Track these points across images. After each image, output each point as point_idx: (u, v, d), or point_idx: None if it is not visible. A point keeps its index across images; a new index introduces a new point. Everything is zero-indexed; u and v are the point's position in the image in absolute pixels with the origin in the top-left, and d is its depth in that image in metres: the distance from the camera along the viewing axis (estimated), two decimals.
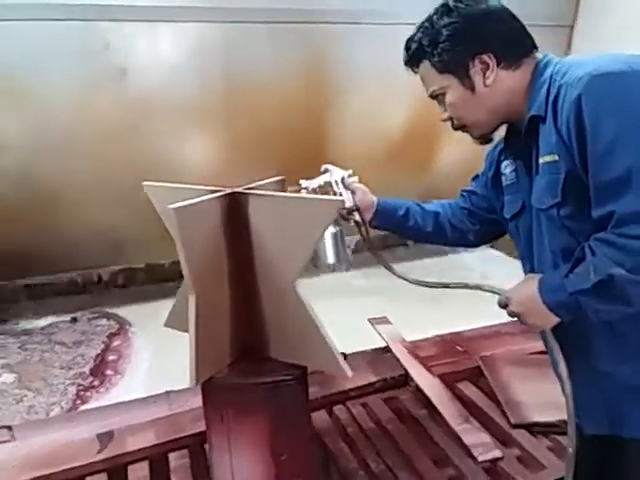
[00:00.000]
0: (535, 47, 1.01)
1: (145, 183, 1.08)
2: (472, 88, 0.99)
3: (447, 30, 0.98)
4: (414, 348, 1.75)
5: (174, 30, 2.46)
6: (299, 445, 1.01)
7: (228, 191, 0.90)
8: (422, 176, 3.54)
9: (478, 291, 1.10)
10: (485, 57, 0.97)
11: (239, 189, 0.91)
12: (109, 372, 2.46)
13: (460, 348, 1.85)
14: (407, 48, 1.06)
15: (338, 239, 1.20)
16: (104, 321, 3.35)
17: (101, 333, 3.13)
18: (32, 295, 3.82)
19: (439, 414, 1.34)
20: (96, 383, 2.34)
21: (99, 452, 1.27)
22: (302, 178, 1.27)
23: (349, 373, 0.89)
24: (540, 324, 0.95)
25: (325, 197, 0.78)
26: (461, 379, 1.64)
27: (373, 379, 1.54)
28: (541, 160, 0.95)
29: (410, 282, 1.22)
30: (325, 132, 3.02)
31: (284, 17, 2.52)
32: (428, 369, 1.59)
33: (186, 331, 0.87)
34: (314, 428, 1.37)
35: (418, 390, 1.51)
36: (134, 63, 2.47)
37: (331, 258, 1.18)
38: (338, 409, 1.46)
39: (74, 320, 3.40)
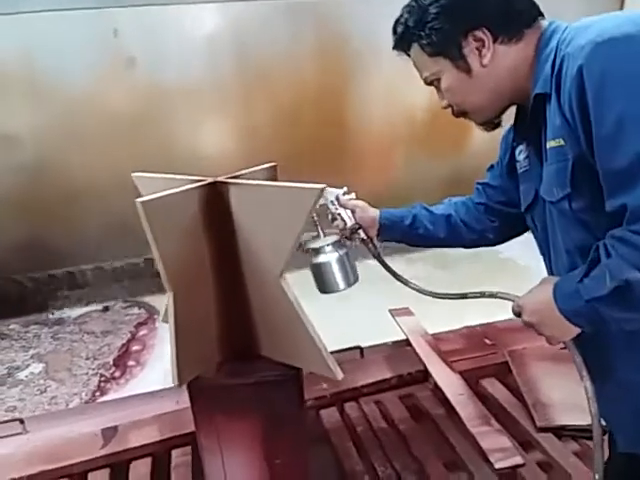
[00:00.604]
0: (540, 14, 0.90)
1: (134, 174, 1.06)
2: (468, 70, 0.89)
3: (433, 7, 0.89)
4: (437, 341, 1.67)
5: (183, 13, 2.43)
6: (294, 449, 0.98)
7: (208, 181, 0.85)
8: (452, 156, 3.40)
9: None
10: (479, 33, 0.87)
11: (220, 178, 0.86)
12: (131, 363, 2.51)
13: (489, 341, 1.75)
14: (394, 31, 0.97)
15: (345, 262, 1.15)
16: (135, 310, 3.43)
17: (129, 322, 3.21)
18: (70, 285, 3.98)
19: (457, 414, 1.27)
20: (117, 374, 2.40)
21: (102, 447, 1.28)
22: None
23: (339, 375, 0.84)
24: (558, 335, 0.86)
25: (305, 185, 0.72)
26: (486, 375, 1.55)
27: (388, 375, 1.48)
28: (548, 145, 0.85)
29: (426, 294, 1.16)
30: (346, 113, 2.93)
31: None
32: (449, 364, 1.51)
33: None
34: (323, 426, 1.33)
35: (437, 387, 1.44)
36: (145, 50, 2.47)
37: (341, 284, 1.13)
38: (350, 406, 1.41)
39: (106, 309, 3.50)
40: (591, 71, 0.72)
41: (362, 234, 1.21)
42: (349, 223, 1.19)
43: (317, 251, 1.13)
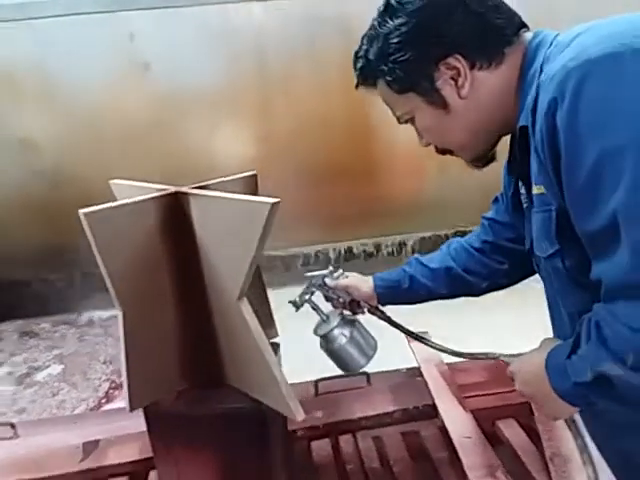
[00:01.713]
0: (523, 26, 0.78)
1: (111, 181, 1.04)
2: (444, 105, 0.78)
3: (394, 36, 0.77)
4: (454, 372, 1.56)
5: (200, 15, 2.45)
6: None
7: (169, 191, 0.81)
8: (488, 168, 3.22)
9: None
10: (452, 61, 0.75)
11: (183, 188, 0.82)
12: None
13: None
14: (354, 66, 0.87)
15: (358, 339, 1.14)
16: None
17: None
18: (103, 286, 4.11)
19: (458, 458, 1.16)
20: None
21: (81, 461, 1.26)
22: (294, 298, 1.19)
23: (298, 416, 0.77)
24: (553, 412, 0.77)
25: (256, 198, 0.66)
26: (505, 416, 1.42)
27: (392, 408, 1.38)
28: (533, 190, 0.75)
29: (447, 353, 1.17)
30: (373, 117, 2.83)
31: None
32: (461, 401, 1.39)
33: None
34: (311, 460, 1.26)
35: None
36: (161, 54, 2.50)
37: (361, 361, 1.14)
38: (345, 440, 1.32)
39: None
40: (562, 107, 0.60)
41: (366, 306, 1.18)
42: (347, 299, 1.17)
43: (326, 337, 1.12)
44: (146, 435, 1.34)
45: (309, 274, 1.21)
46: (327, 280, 1.20)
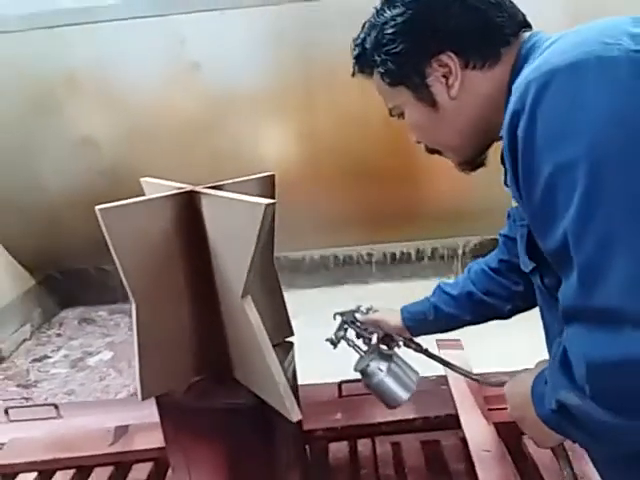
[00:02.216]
0: (525, 25, 0.74)
1: (142, 179, 1.08)
2: (433, 103, 0.75)
3: (389, 27, 0.75)
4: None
5: (247, 17, 2.50)
6: None
7: (185, 189, 0.84)
8: None
9: None
10: (444, 58, 0.72)
11: (197, 187, 0.84)
12: None
13: None
14: (352, 54, 0.85)
15: (396, 372, 1.13)
16: None
17: None
18: None
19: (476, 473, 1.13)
20: None
21: (110, 445, 1.32)
22: (327, 338, 1.20)
23: (294, 416, 0.77)
24: (539, 439, 0.73)
25: (252, 199, 0.67)
26: None
27: (412, 415, 1.36)
28: (512, 202, 0.73)
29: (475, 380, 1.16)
30: None
31: None
32: (485, 412, 1.35)
33: None
34: (327, 461, 1.26)
35: None
36: (210, 55, 2.58)
37: (403, 395, 1.11)
38: (363, 444, 1.32)
39: None
40: (522, 120, 0.57)
41: (400, 340, 1.18)
42: (380, 334, 1.18)
43: (364, 373, 1.12)
44: None
45: (339, 312, 1.22)
46: (357, 315, 1.21)
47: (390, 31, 0.75)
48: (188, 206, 0.83)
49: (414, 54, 0.74)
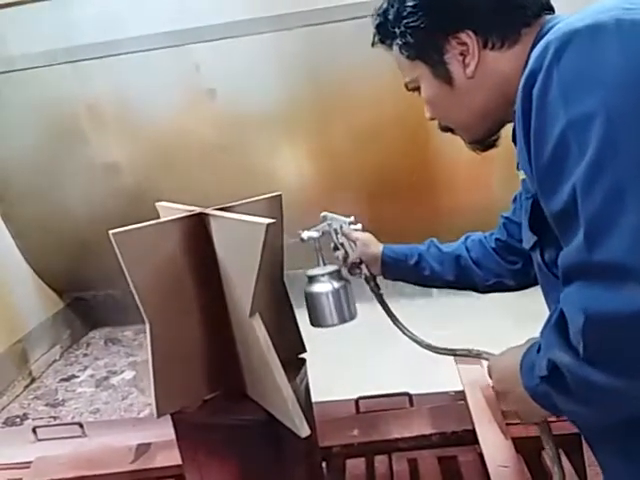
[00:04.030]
0: (548, 7, 0.73)
1: (157, 204, 1.12)
2: (449, 80, 0.75)
3: (411, 0, 0.74)
4: None
5: (259, 42, 2.56)
6: None
7: (195, 212, 0.87)
8: None
9: None
10: (463, 36, 0.71)
11: (207, 210, 0.87)
12: None
13: None
14: (373, 24, 0.86)
15: (340, 296, 1.09)
16: None
17: None
18: None
19: None
20: None
21: (132, 462, 1.34)
22: (305, 228, 1.17)
23: (303, 432, 0.77)
24: (523, 413, 0.72)
25: (252, 219, 0.69)
26: None
27: (430, 431, 1.34)
28: (519, 174, 0.74)
29: (422, 346, 1.19)
30: (432, 131, 2.79)
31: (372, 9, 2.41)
32: (503, 428, 1.32)
33: None
34: (344, 477, 1.25)
35: None
36: (225, 81, 2.65)
37: (333, 319, 1.09)
38: (380, 460, 1.30)
39: None
40: (538, 80, 0.56)
41: (364, 269, 1.14)
42: (351, 256, 1.13)
43: (312, 279, 1.08)
44: None
45: (329, 214, 1.17)
46: (344, 226, 1.16)
47: (411, 4, 0.74)
48: (198, 227, 0.85)
49: (433, 30, 0.73)
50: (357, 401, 1.44)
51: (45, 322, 3.39)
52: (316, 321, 1.09)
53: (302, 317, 1.08)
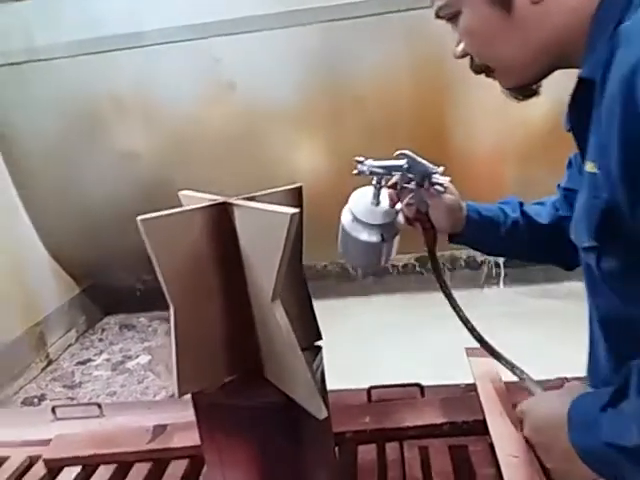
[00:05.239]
0: None
1: (180, 193, 1.14)
2: (507, 4, 0.61)
3: None
4: (512, 391, 1.49)
5: (275, 38, 2.58)
6: None
7: (219, 201, 0.89)
8: None
9: None
10: None
11: (230, 199, 0.89)
12: None
13: None
14: None
15: (383, 249, 1.00)
16: None
17: None
18: None
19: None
20: None
21: (149, 442, 1.37)
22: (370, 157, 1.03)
23: (321, 414, 0.80)
24: (562, 472, 0.68)
25: (277, 208, 0.71)
26: None
27: (441, 420, 1.36)
28: (585, 164, 0.61)
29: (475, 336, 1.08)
30: (446, 129, 2.81)
31: (392, 6, 2.41)
32: (514, 419, 1.33)
33: None
34: (355, 463, 1.28)
35: None
36: (244, 75, 2.68)
37: (365, 264, 1.04)
38: (391, 447, 1.33)
39: None
40: None
41: (427, 226, 0.97)
42: (424, 209, 0.96)
43: (359, 222, 0.97)
44: None
45: (410, 153, 0.96)
46: (436, 177, 0.94)
47: None
48: (221, 216, 0.88)
49: None
50: (369, 390, 1.46)
51: (61, 307, 3.47)
52: (347, 259, 1.01)
53: (317, 306, 1.10)
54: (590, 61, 0.57)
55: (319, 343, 1.10)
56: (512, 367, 1.02)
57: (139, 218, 0.79)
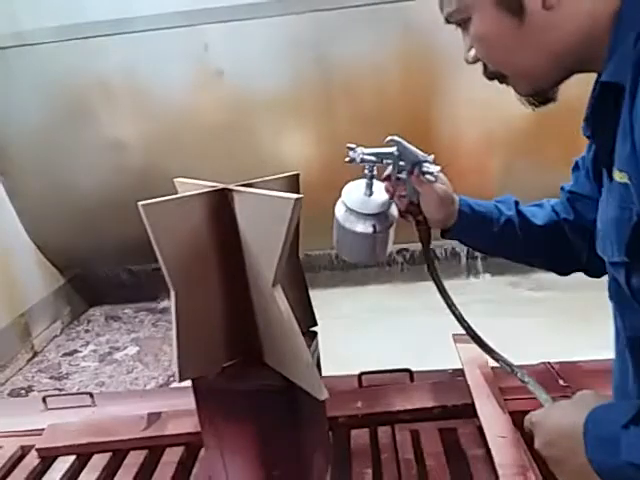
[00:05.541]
0: None
1: (176, 179, 1.14)
2: (519, 11, 0.57)
3: None
4: (499, 375, 1.53)
5: (267, 25, 2.58)
6: (293, 464, 0.97)
7: (218, 187, 0.89)
8: (561, 166, 3.09)
9: None
10: None
11: (229, 185, 0.89)
12: None
13: (563, 382, 1.56)
14: None
15: (379, 240, 0.99)
16: None
17: None
18: None
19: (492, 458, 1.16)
20: None
21: (144, 430, 1.38)
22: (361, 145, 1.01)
23: (322, 395, 0.82)
24: None
25: (280, 194, 0.72)
26: None
27: (431, 404, 1.39)
28: (614, 173, 0.58)
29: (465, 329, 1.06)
30: (434, 120, 2.83)
31: None
32: (501, 402, 1.38)
33: None
34: (348, 447, 1.30)
35: None
36: (233, 62, 2.66)
37: (363, 257, 1.02)
38: (383, 431, 1.35)
39: None
40: None
41: (419, 218, 0.95)
42: (414, 198, 0.92)
43: (353, 213, 0.95)
44: None
45: (401, 140, 0.93)
46: (423, 166, 0.89)
47: None
48: (221, 202, 0.88)
49: None
50: (360, 376, 1.49)
51: (46, 298, 3.42)
52: (341, 252, 1.00)
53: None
54: (614, 64, 0.55)
55: (314, 329, 1.12)
56: (509, 366, 1.07)
57: (140, 203, 0.80)
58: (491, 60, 0.68)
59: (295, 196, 0.70)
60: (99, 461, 1.36)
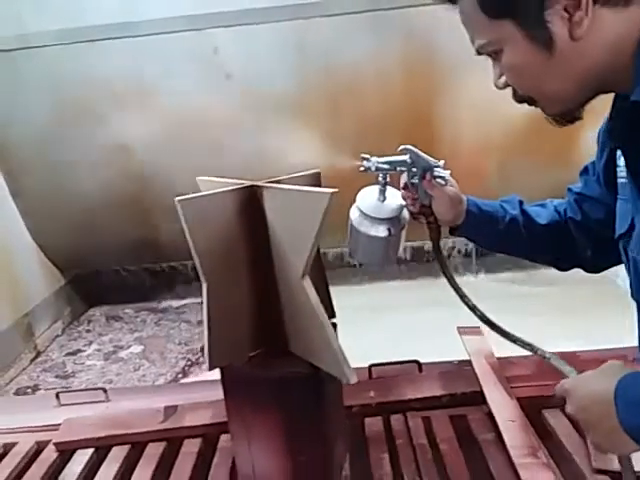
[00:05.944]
0: None
1: (198, 178, 1.17)
2: (549, 44, 0.61)
3: None
4: (504, 365, 1.58)
5: (275, 30, 2.61)
6: (318, 449, 1.00)
7: (247, 184, 0.93)
8: (557, 168, 3.16)
9: None
10: None
11: (259, 182, 0.93)
12: None
13: None
14: None
15: (392, 244, 1.04)
16: None
17: None
18: (177, 279, 4.40)
19: (502, 441, 1.20)
20: (202, 359, 2.62)
21: (161, 422, 1.40)
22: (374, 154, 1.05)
23: (352, 379, 0.86)
24: (608, 446, 0.67)
25: (315, 189, 0.76)
26: (551, 406, 1.43)
27: (440, 392, 1.43)
28: None
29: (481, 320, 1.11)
30: (436, 123, 2.89)
31: (387, 3, 2.48)
32: (508, 389, 1.42)
33: None
34: (364, 434, 1.34)
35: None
36: (241, 66, 2.69)
37: (375, 259, 1.07)
38: (396, 419, 1.39)
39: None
40: None
41: (431, 220, 1.00)
42: (426, 202, 0.97)
43: (367, 218, 1.00)
44: (218, 403, 1.48)
45: (412, 148, 0.97)
46: (438, 170, 0.95)
47: None
48: (250, 198, 0.92)
49: None
50: (370, 368, 1.53)
51: (48, 298, 3.42)
52: (355, 255, 1.05)
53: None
54: None
55: (334, 320, 1.15)
56: (531, 347, 1.11)
57: (177, 199, 0.83)
58: (522, 87, 0.72)
59: (330, 190, 0.73)
60: (119, 453, 1.38)
